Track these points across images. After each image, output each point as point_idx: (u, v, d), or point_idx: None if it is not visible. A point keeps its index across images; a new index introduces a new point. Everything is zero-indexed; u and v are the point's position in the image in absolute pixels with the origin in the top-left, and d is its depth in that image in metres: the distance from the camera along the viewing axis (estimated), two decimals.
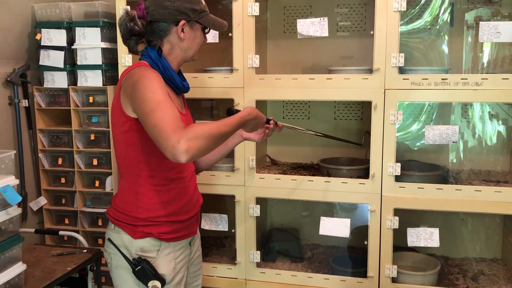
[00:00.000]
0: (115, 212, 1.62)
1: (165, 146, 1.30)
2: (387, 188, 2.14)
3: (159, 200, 1.58)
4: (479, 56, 2.40)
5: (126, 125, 1.52)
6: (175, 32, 1.56)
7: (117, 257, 1.58)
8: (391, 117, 2.09)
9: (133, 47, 1.60)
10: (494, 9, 2.36)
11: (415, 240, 2.17)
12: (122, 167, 1.61)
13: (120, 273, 1.59)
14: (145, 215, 1.57)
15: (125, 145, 1.55)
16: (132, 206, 1.58)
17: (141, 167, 1.55)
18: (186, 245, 1.69)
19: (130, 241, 1.57)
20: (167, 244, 1.60)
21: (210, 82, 2.30)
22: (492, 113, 2.42)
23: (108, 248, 1.62)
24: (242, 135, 1.78)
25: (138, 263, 1.54)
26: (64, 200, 2.75)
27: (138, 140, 1.52)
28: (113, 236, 1.60)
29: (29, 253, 2.31)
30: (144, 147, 1.52)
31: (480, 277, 2.30)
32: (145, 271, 1.53)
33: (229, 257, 2.54)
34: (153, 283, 1.54)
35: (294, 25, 2.55)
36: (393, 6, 2.03)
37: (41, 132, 2.72)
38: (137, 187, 1.57)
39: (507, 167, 2.44)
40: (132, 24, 1.53)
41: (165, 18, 1.54)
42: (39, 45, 2.64)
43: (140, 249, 1.56)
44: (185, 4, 1.54)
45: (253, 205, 2.30)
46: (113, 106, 1.57)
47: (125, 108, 1.50)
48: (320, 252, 2.63)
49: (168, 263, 1.60)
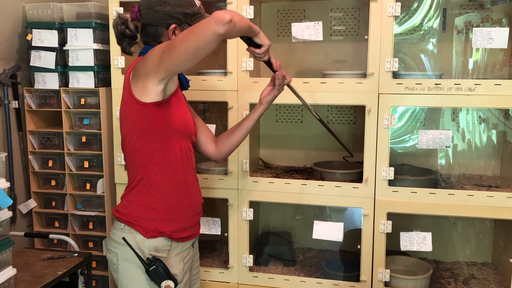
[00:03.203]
0: (128, 208, 1.61)
1: (207, 22, 1.33)
2: (381, 192, 2.15)
3: (173, 190, 1.61)
4: (469, 61, 2.43)
5: (141, 113, 1.52)
6: (167, 35, 1.58)
7: (128, 257, 1.58)
8: (384, 122, 2.10)
9: (126, 48, 1.65)
10: (485, 15, 2.38)
11: (408, 244, 2.18)
12: (135, 159, 1.60)
13: (130, 273, 1.59)
14: (160, 205, 1.59)
15: (140, 135, 1.56)
16: (149, 196, 1.59)
17: (156, 155, 1.57)
18: (190, 246, 1.72)
19: (142, 241, 1.58)
20: (176, 245, 1.63)
21: (203, 85, 2.29)
22: (483, 118, 2.44)
23: (115, 249, 1.61)
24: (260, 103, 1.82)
25: (152, 263, 1.54)
26: (54, 202, 2.71)
27: (153, 128, 1.54)
28: (127, 236, 1.59)
29: (18, 257, 2.28)
30: (159, 136, 1.55)
31: (471, 281, 2.32)
32: (159, 271, 1.54)
33: (221, 261, 2.53)
34: (167, 283, 1.55)
35: (288, 28, 2.56)
36: (387, 11, 2.04)
37: (31, 134, 2.69)
38: (152, 177, 1.58)
39: (498, 171, 2.46)
40: (123, 27, 1.60)
41: (155, 22, 1.57)
42: (30, 46, 2.60)
43: (154, 248, 1.58)
44: (176, 8, 1.56)
45: (246, 208, 2.30)
46: (123, 102, 1.59)
47: (139, 95, 1.51)
48: (313, 255, 2.63)
49: (178, 263, 1.63)
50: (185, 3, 1.57)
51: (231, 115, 2.26)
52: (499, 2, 2.36)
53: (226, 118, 2.30)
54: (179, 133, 1.59)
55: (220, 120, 2.71)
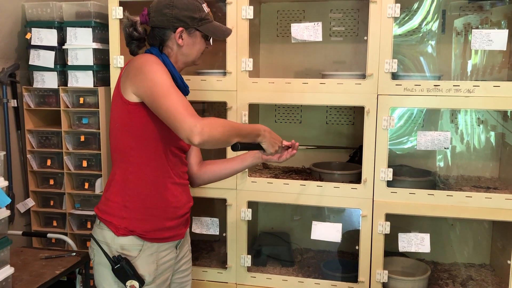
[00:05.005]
0: (104, 204, 1.62)
1: (181, 126, 1.39)
2: (379, 193, 2.15)
3: (149, 191, 1.59)
4: (468, 62, 2.43)
5: (123, 110, 1.54)
6: (174, 38, 1.60)
7: (99, 254, 1.59)
8: (383, 123, 2.10)
9: (134, 50, 1.67)
10: (484, 17, 2.38)
11: (406, 246, 2.18)
12: (114, 154, 1.62)
13: (100, 270, 1.60)
14: (132, 204, 1.58)
15: (120, 131, 1.58)
16: (122, 194, 1.59)
17: (133, 154, 1.57)
18: (171, 248, 1.67)
19: (112, 238, 1.57)
20: (150, 245, 1.59)
21: (202, 85, 2.29)
22: (482, 119, 2.45)
23: (92, 244, 1.63)
24: (261, 156, 1.78)
25: (117, 261, 1.55)
26: (53, 202, 2.71)
27: (132, 126, 1.54)
28: (96, 231, 1.61)
29: (16, 256, 2.27)
30: (138, 135, 1.56)
31: (469, 282, 2.32)
32: (124, 270, 1.54)
33: (219, 261, 2.52)
34: (131, 282, 1.55)
35: (287, 29, 2.56)
36: (387, 12, 2.04)
37: (30, 133, 2.68)
38: (128, 175, 1.58)
39: (496, 173, 2.46)
40: (131, 30, 1.62)
41: (163, 25, 1.59)
42: (29, 45, 2.60)
43: (120, 247, 1.57)
44: (184, 12, 1.57)
45: (245, 209, 2.29)
46: (113, 96, 1.61)
47: (124, 92, 1.52)
48: (311, 256, 2.63)
49: (149, 264, 1.60)
50: (192, 7, 1.59)
51: (230, 115, 2.26)
52: (498, 4, 2.36)
53: (225, 118, 2.30)
54: (160, 135, 1.57)
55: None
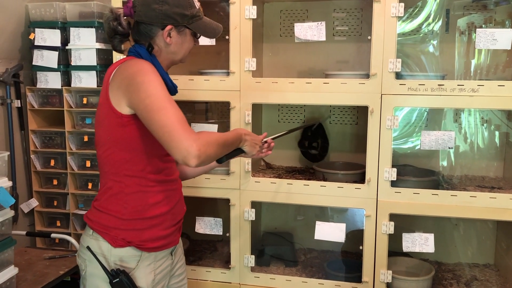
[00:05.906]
0: (96, 215, 1.53)
1: (176, 148, 1.30)
2: (383, 193, 2.14)
3: (146, 202, 1.51)
4: (472, 62, 2.42)
5: (115, 123, 1.43)
6: (161, 36, 1.49)
7: (94, 265, 1.49)
8: (387, 122, 2.09)
9: (117, 46, 1.55)
10: (488, 16, 2.38)
11: (410, 246, 2.17)
12: (105, 166, 1.52)
13: (95, 282, 1.50)
14: (129, 216, 1.49)
15: (113, 143, 1.47)
16: (117, 207, 1.49)
17: (127, 167, 1.48)
18: (167, 255, 1.62)
19: (109, 250, 1.49)
20: (147, 255, 1.53)
21: (206, 85, 2.28)
22: (486, 119, 2.44)
23: (83, 255, 1.52)
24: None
25: (116, 275, 1.45)
26: (56, 202, 2.72)
27: (127, 139, 1.45)
28: (90, 242, 1.51)
29: (20, 256, 2.28)
30: (133, 148, 1.46)
31: (473, 282, 2.31)
32: (123, 284, 1.45)
33: (223, 261, 2.52)
34: None
35: (291, 28, 2.56)
36: (390, 11, 2.03)
37: (34, 133, 2.69)
38: (123, 188, 1.49)
39: (500, 173, 2.45)
40: (115, 24, 1.50)
41: (151, 21, 1.47)
42: (33, 45, 2.61)
43: (119, 259, 1.49)
44: (175, 8, 1.47)
45: (248, 209, 2.29)
46: (100, 103, 1.49)
47: (116, 104, 1.42)
48: (314, 256, 2.63)
49: (147, 275, 1.53)
50: (184, 3, 1.49)
51: (233, 115, 2.25)
52: (502, 3, 2.35)
53: (228, 118, 2.30)
54: (156, 145, 1.45)
55: (222, 120, 2.71)
